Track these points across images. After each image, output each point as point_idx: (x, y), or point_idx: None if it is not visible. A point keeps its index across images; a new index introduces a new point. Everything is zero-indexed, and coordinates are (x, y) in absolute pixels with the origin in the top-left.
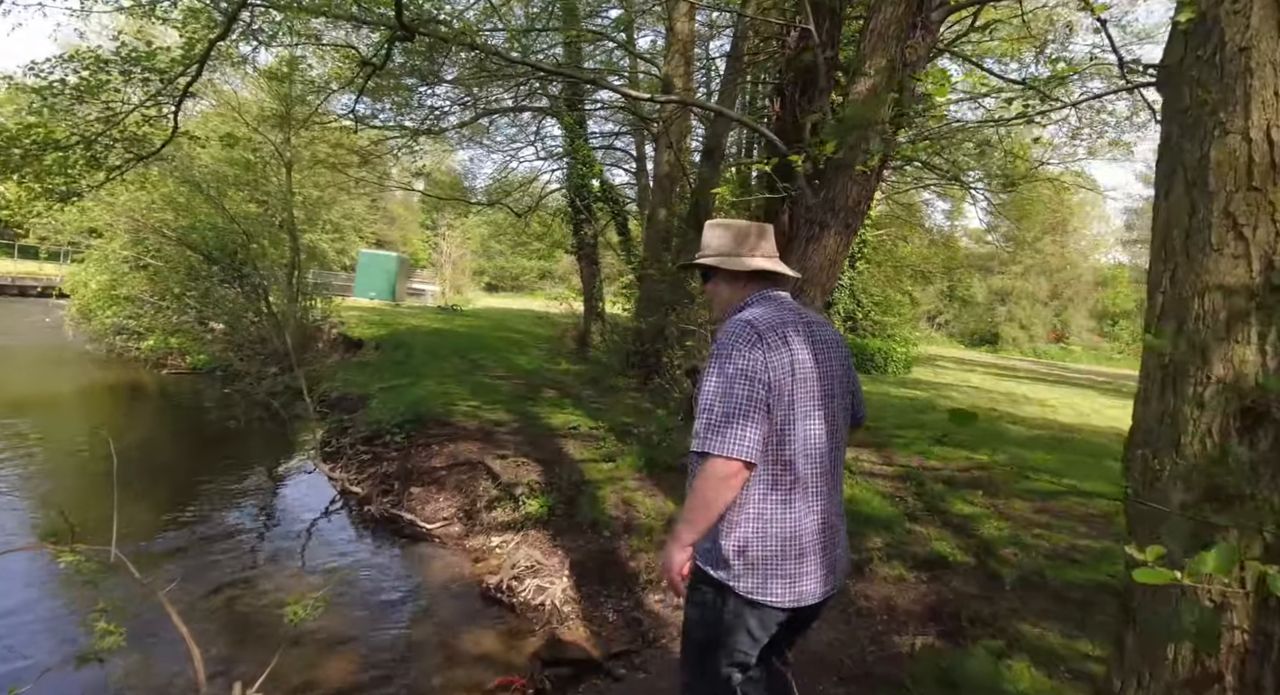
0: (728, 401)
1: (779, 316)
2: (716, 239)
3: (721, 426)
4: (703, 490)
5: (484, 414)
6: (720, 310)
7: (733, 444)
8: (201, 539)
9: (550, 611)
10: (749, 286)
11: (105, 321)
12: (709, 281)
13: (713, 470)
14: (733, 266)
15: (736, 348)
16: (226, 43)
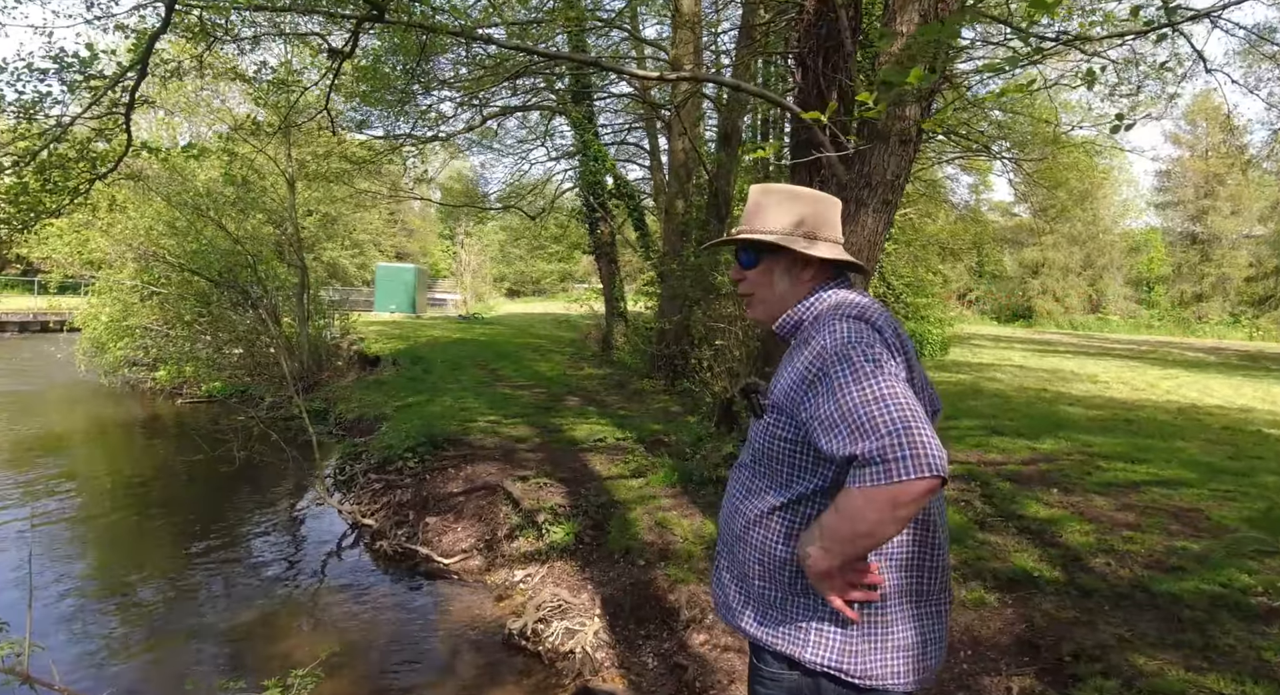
0: (893, 408)
1: (881, 311)
2: (778, 210)
3: (904, 437)
4: (879, 520)
5: (503, 429)
6: (768, 309)
7: (927, 456)
8: (206, 585)
9: (582, 659)
10: (816, 278)
11: (117, 354)
12: (752, 267)
13: (904, 495)
14: (806, 250)
15: (869, 347)
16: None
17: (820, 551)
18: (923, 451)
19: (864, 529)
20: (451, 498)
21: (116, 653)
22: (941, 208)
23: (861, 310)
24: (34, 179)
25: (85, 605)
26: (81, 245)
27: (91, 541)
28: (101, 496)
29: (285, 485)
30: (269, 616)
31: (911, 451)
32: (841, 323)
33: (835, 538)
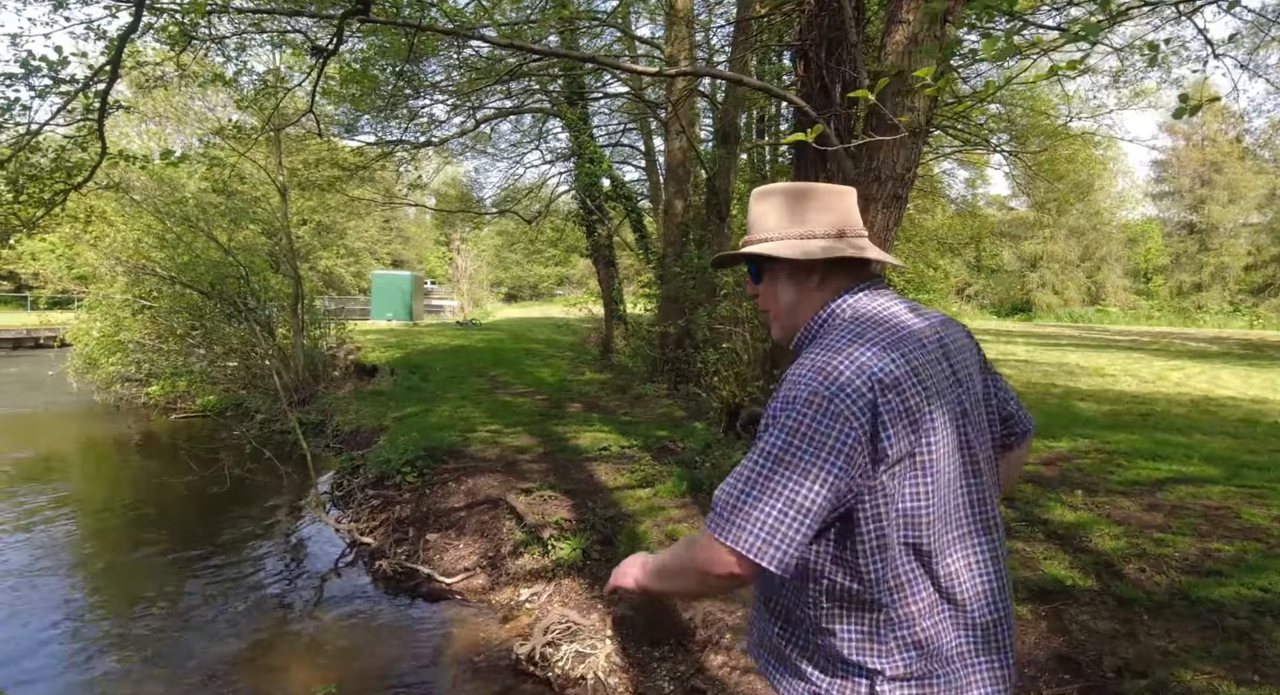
0: (758, 492)
1: (890, 349)
2: (773, 212)
3: (739, 506)
4: (686, 572)
5: (505, 439)
6: (781, 325)
7: (748, 530)
8: (200, 613)
9: (594, 685)
10: (826, 284)
11: (109, 370)
12: (759, 281)
13: (712, 562)
14: (795, 254)
15: (808, 423)
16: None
17: (639, 570)
18: (746, 526)
19: (674, 569)
20: (453, 513)
21: (96, 690)
22: (939, 203)
23: (855, 349)
24: (6, 190)
25: (74, 640)
26: (71, 260)
27: (80, 572)
28: (92, 523)
29: (282, 503)
30: (265, 646)
31: (735, 519)
32: (810, 371)
33: (657, 567)
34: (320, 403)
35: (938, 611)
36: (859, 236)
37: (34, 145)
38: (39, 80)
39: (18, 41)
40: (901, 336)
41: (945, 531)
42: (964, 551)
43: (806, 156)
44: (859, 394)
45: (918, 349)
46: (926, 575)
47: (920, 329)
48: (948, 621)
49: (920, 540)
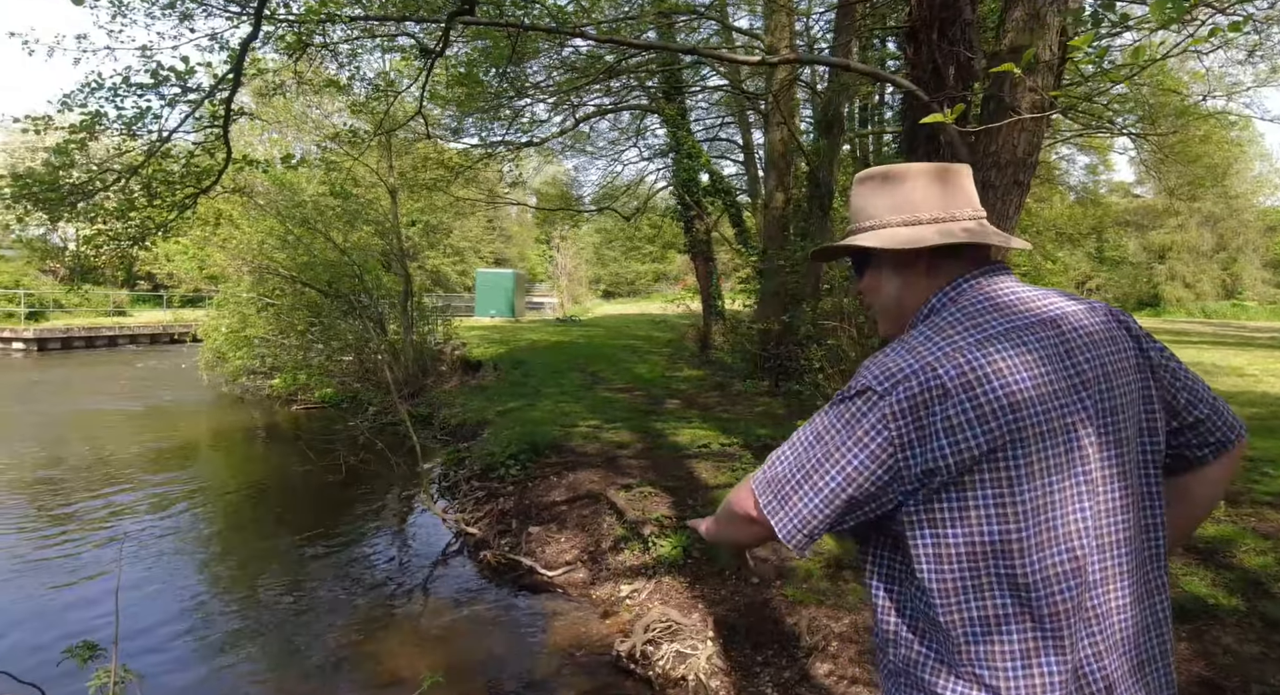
0: (806, 455)
1: (998, 339)
2: (874, 198)
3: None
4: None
5: (605, 435)
6: (888, 320)
7: (782, 493)
8: (315, 595)
9: (695, 687)
10: (935, 273)
11: (236, 363)
12: (865, 273)
13: (738, 504)
14: (896, 244)
15: (858, 414)
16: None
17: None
18: (770, 483)
19: (721, 513)
20: (554, 507)
21: (215, 674)
22: (1056, 191)
23: (929, 348)
24: (141, 194)
25: (200, 615)
26: (202, 261)
27: (203, 554)
28: (219, 507)
29: (392, 492)
30: (376, 629)
31: (767, 471)
32: (876, 364)
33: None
34: (428, 396)
35: (1038, 660)
36: (972, 218)
37: (165, 152)
38: (168, 90)
39: (148, 52)
40: (1002, 331)
41: (1054, 565)
42: (1080, 592)
43: (917, 143)
44: (911, 398)
45: (1024, 346)
46: (1026, 616)
47: (1038, 321)
48: (1052, 674)
49: (1014, 572)
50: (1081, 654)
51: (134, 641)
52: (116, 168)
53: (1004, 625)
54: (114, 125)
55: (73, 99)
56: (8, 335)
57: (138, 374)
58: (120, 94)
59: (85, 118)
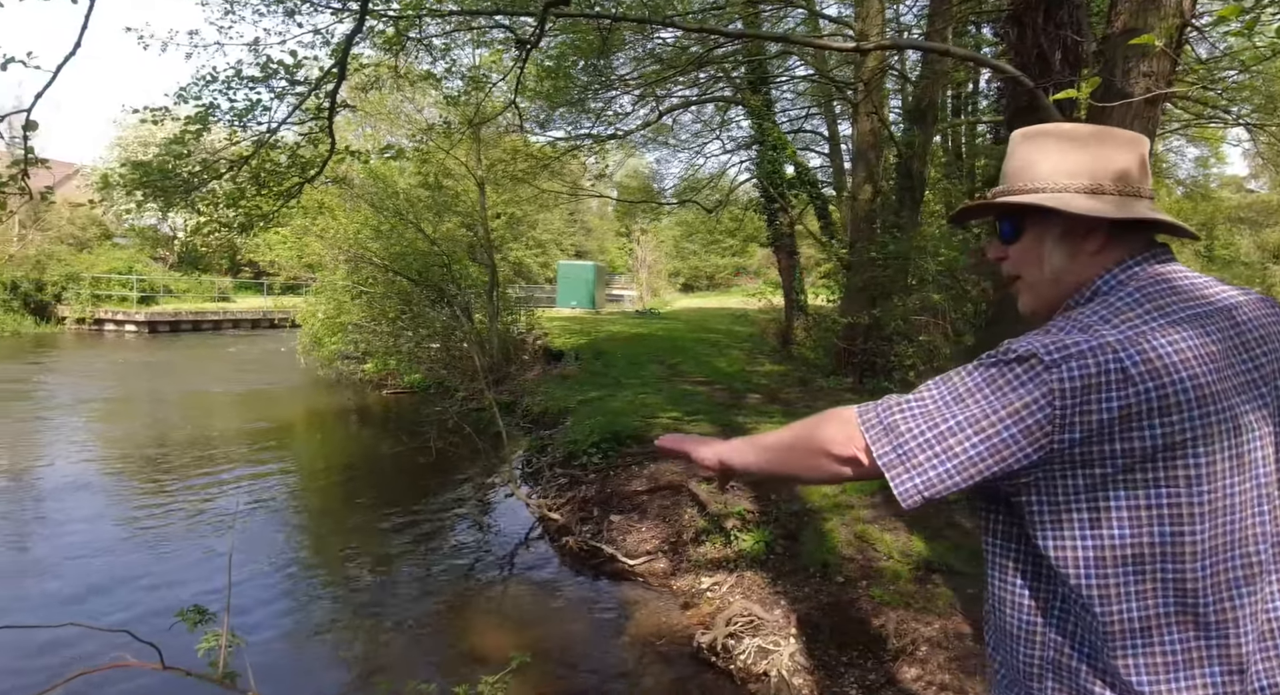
0: (945, 420)
1: (1180, 326)
2: (1047, 158)
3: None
4: (802, 444)
5: (685, 427)
6: (1037, 296)
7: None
8: (402, 572)
9: (777, 683)
10: (1107, 250)
11: (332, 348)
12: (1014, 240)
13: (832, 442)
14: (1082, 208)
15: (1021, 376)
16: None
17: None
18: (888, 430)
19: (785, 441)
20: (635, 496)
21: (310, 643)
22: (1162, 184)
23: (1109, 329)
24: (250, 184)
25: (284, 593)
26: (301, 250)
27: (299, 529)
28: (313, 484)
29: (476, 475)
30: (460, 607)
31: (885, 416)
32: (1042, 335)
33: (767, 443)
34: (511, 384)
35: (1201, 670)
36: (1152, 196)
37: (272, 143)
38: (277, 82)
39: (258, 46)
40: (1185, 318)
41: (1227, 570)
42: (1253, 599)
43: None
44: (1084, 376)
45: (1205, 336)
46: (1190, 623)
47: (1216, 310)
48: (1216, 685)
49: (1184, 577)
50: (1254, 667)
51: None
52: (227, 158)
53: (1165, 632)
54: (225, 117)
55: (188, 91)
56: (121, 318)
57: (239, 357)
58: (233, 86)
59: (199, 109)
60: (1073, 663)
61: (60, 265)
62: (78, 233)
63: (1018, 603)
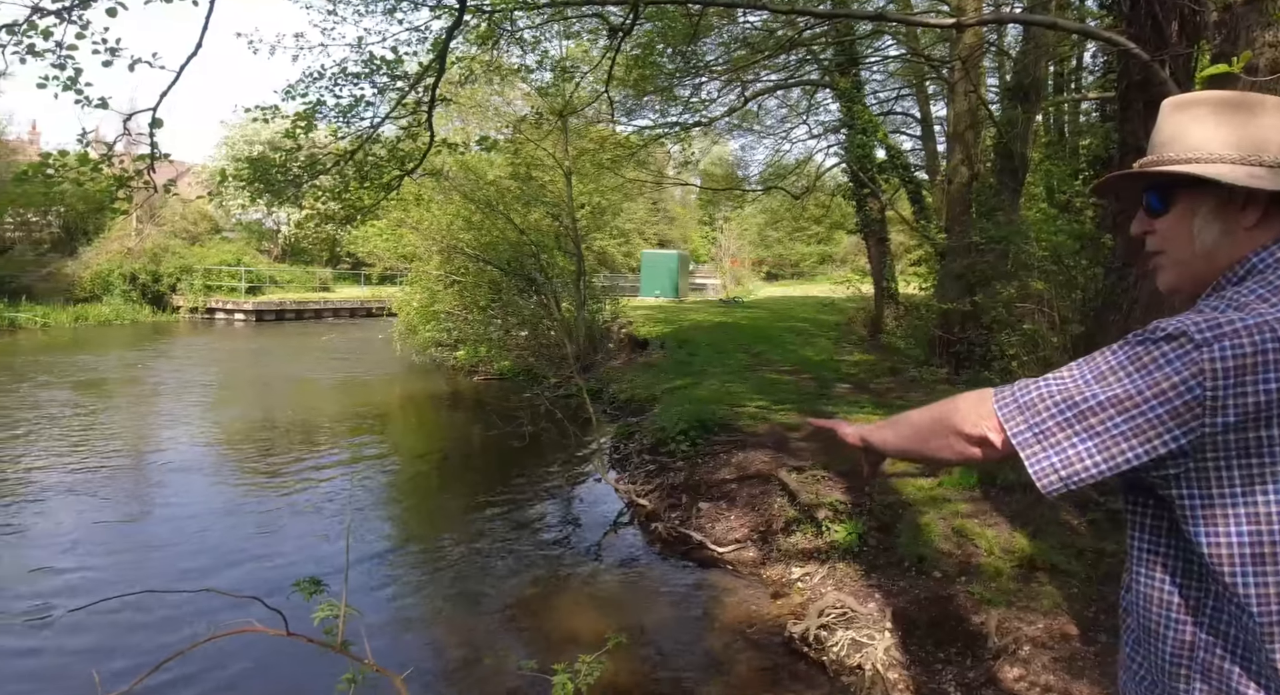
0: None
1: None
2: (1202, 127)
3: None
4: (936, 422)
5: (773, 416)
6: (1182, 273)
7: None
8: (494, 553)
9: (871, 677)
10: (1264, 226)
11: (426, 335)
12: (1162, 213)
13: (965, 422)
14: (1245, 180)
15: (1174, 355)
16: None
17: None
18: (1022, 410)
19: (921, 420)
20: (724, 484)
21: (412, 619)
22: None
23: (1270, 309)
24: (353, 177)
25: (386, 570)
26: (397, 241)
27: (398, 509)
28: (410, 467)
29: (565, 460)
30: (551, 591)
31: (1020, 396)
32: (1194, 314)
33: (905, 421)
34: (597, 372)
35: None
36: None
37: (374, 138)
38: (379, 79)
39: (361, 44)
40: None
41: None
42: None
43: (1134, 108)
44: (1239, 356)
45: None
46: None
47: None
48: None
49: None
50: None
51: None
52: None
53: None
54: (330, 113)
55: (295, 89)
56: (231, 307)
57: (339, 344)
58: (339, 82)
59: (307, 106)
60: (1225, 664)
61: (175, 258)
62: (190, 227)
63: (1165, 601)
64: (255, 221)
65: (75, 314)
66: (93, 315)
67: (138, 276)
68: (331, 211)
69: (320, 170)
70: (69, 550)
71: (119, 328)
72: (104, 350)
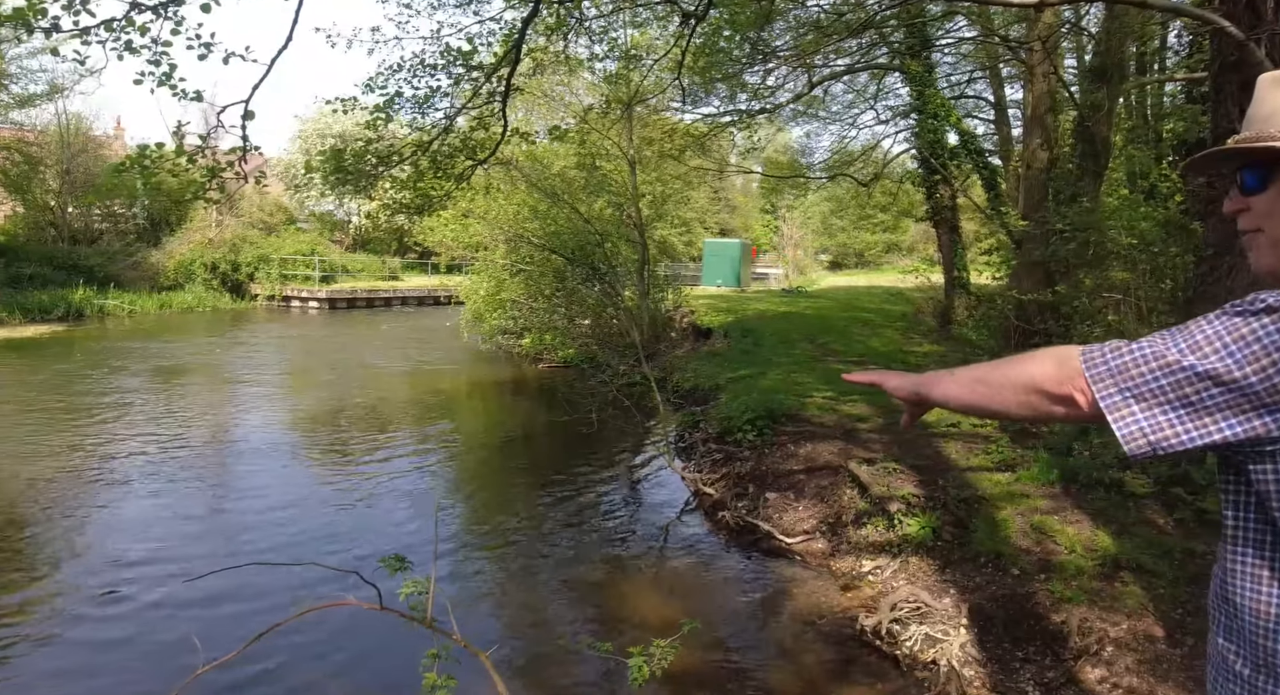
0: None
1: None
2: None
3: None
4: (1013, 380)
5: (841, 407)
6: None
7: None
8: (563, 537)
9: (946, 674)
10: None
11: (492, 323)
12: (1258, 191)
13: (1048, 381)
14: None
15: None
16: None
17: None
18: (1115, 376)
19: (994, 374)
20: (792, 475)
21: (484, 597)
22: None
23: None
24: (428, 168)
25: (458, 550)
26: (463, 231)
27: (465, 491)
28: (479, 451)
29: (630, 448)
30: (618, 574)
31: (1113, 360)
32: None
33: (972, 376)
34: (660, 360)
35: None
36: None
37: (449, 127)
38: (454, 70)
39: (438, 35)
40: None
41: None
42: None
43: (1227, 90)
44: None
45: None
46: None
47: None
48: None
49: None
50: None
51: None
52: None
53: None
54: (406, 105)
55: (375, 82)
56: (305, 295)
57: (408, 331)
58: (417, 74)
59: (385, 97)
60: None
61: (252, 248)
62: (266, 218)
63: (1259, 587)
64: (327, 212)
65: (160, 301)
66: (176, 302)
67: (218, 265)
68: (407, 201)
69: (398, 160)
70: (165, 528)
71: (200, 314)
72: (187, 336)
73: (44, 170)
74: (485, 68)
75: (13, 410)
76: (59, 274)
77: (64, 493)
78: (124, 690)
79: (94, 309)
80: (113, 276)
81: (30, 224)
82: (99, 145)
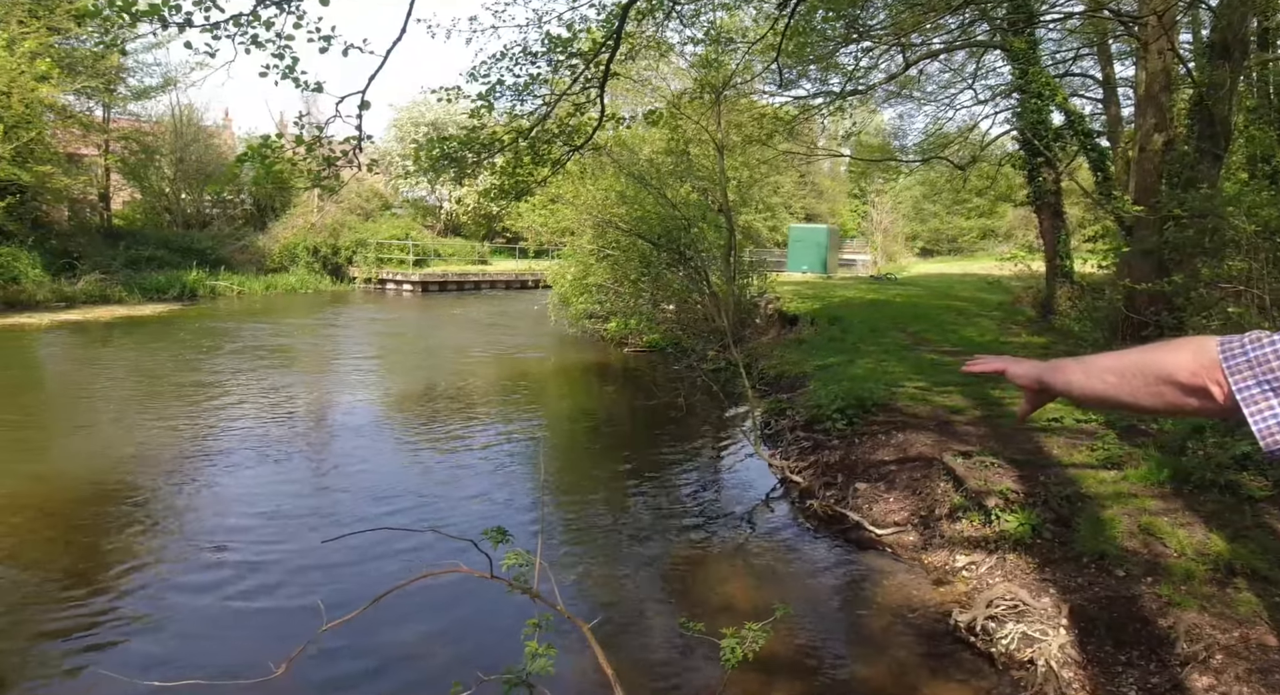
0: None
1: None
2: None
3: None
4: (1148, 371)
5: (934, 398)
6: None
7: None
8: (650, 517)
9: (1044, 674)
10: None
11: (578, 307)
12: None
13: (1182, 371)
14: None
15: None
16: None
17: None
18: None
19: (1125, 365)
20: (882, 466)
21: (576, 573)
22: None
23: None
24: (526, 154)
25: (550, 526)
26: (551, 217)
27: (555, 470)
28: (567, 433)
29: (716, 433)
30: (705, 557)
31: (1256, 354)
32: None
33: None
34: (746, 347)
35: None
36: None
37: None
38: (554, 57)
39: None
40: None
41: None
42: None
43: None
44: None
45: None
46: None
47: None
48: None
49: None
50: None
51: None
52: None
53: None
54: (507, 92)
55: (479, 70)
56: (400, 278)
57: (497, 314)
58: (519, 62)
59: (487, 86)
60: None
61: (350, 232)
62: (363, 204)
63: None
64: (420, 198)
65: (266, 283)
66: (281, 284)
67: (319, 249)
68: (506, 186)
69: (500, 147)
70: (274, 499)
71: (303, 295)
72: (291, 316)
73: (159, 159)
74: (585, 54)
75: (133, 385)
76: (174, 256)
77: (182, 462)
78: (250, 646)
79: (206, 290)
80: (223, 259)
81: (147, 209)
82: (209, 135)
